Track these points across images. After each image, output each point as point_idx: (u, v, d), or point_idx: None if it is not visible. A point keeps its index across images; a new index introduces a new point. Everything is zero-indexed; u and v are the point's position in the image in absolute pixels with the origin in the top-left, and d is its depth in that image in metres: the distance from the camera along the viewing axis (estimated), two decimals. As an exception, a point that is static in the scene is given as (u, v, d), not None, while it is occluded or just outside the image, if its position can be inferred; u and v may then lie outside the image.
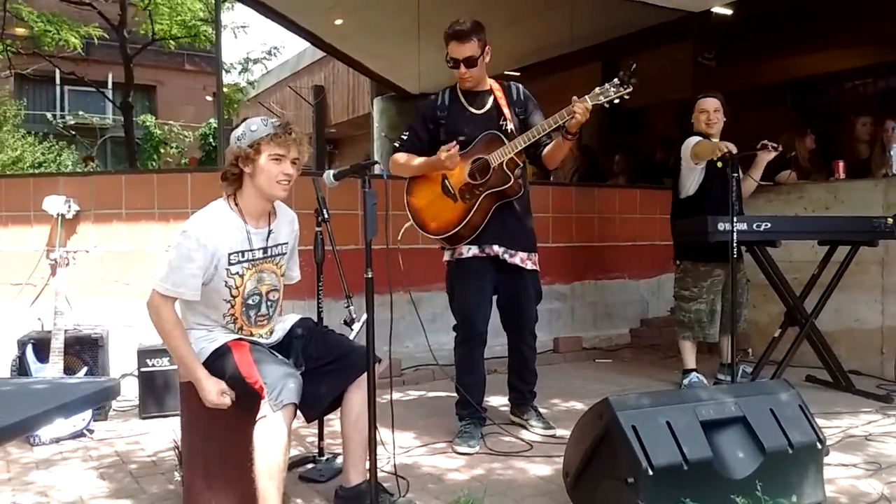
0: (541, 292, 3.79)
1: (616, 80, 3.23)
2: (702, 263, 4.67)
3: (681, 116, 5.12)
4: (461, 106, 3.62)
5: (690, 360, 4.76)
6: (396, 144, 3.71)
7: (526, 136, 3.42)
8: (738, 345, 3.97)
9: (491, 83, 3.65)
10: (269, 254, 2.76)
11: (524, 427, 3.77)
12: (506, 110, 3.57)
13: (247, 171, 2.63)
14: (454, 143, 3.41)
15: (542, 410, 3.89)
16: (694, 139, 4.62)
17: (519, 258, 3.62)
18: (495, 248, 3.57)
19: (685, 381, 4.69)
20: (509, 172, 3.48)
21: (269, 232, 2.75)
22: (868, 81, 7.41)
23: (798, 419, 2.57)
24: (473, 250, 3.58)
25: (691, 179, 4.66)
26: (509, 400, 3.92)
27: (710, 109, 4.66)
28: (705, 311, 4.66)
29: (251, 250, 2.69)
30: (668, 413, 2.41)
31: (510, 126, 3.54)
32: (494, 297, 3.73)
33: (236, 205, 2.69)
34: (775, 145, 4.40)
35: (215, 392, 2.57)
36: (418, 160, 3.59)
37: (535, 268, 3.68)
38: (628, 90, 3.22)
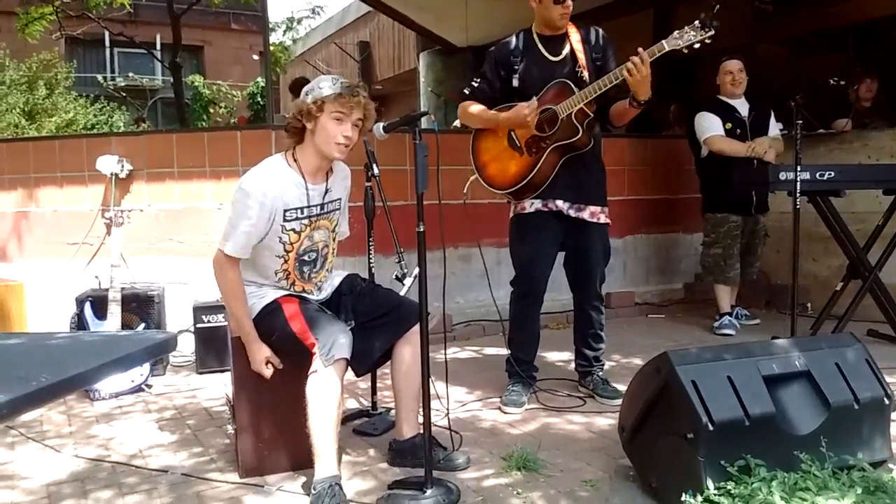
0: (609, 251, 3.60)
1: (697, 22, 2.96)
2: (718, 213, 5.04)
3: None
4: (537, 51, 3.39)
5: (724, 303, 5.10)
6: (466, 91, 3.49)
7: (594, 86, 3.16)
8: (798, 298, 3.94)
9: (568, 27, 3.40)
10: (325, 210, 2.75)
11: (592, 397, 3.58)
12: (581, 57, 3.34)
13: (308, 127, 2.61)
14: (535, 101, 3.23)
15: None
16: (708, 124, 4.90)
17: (589, 212, 3.46)
18: (559, 202, 3.41)
19: (716, 324, 5.04)
20: (578, 124, 3.26)
21: (327, 190, 2.74)
22: (937, 24, 7.02)
23: (865, 374, 2.48)
24: (536, 204, 3.44)
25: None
26: (575, 369, 3.75)
27: (735, 70, 4.95)
28: (721, 255, 5.02)
29: (309, 206, 2.68)
30: (729, 367, 2.34)
31: (585, 74, 3.31)
32: (561, 255, 3.59)
33: (295, 160, 2.67)
34: None
35: (262, 359, 2.64)
36: (492, 113, 3.40)
37: (606, 221, 3.52)
38: (710, 34, 2.94)
